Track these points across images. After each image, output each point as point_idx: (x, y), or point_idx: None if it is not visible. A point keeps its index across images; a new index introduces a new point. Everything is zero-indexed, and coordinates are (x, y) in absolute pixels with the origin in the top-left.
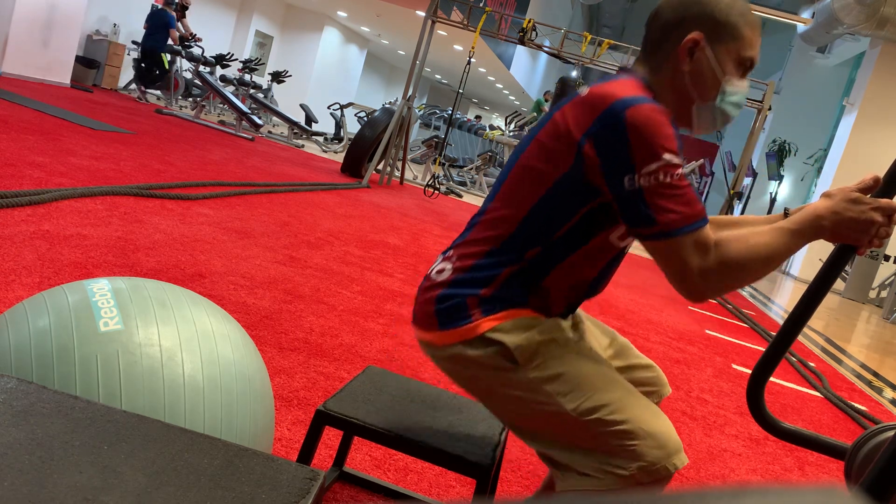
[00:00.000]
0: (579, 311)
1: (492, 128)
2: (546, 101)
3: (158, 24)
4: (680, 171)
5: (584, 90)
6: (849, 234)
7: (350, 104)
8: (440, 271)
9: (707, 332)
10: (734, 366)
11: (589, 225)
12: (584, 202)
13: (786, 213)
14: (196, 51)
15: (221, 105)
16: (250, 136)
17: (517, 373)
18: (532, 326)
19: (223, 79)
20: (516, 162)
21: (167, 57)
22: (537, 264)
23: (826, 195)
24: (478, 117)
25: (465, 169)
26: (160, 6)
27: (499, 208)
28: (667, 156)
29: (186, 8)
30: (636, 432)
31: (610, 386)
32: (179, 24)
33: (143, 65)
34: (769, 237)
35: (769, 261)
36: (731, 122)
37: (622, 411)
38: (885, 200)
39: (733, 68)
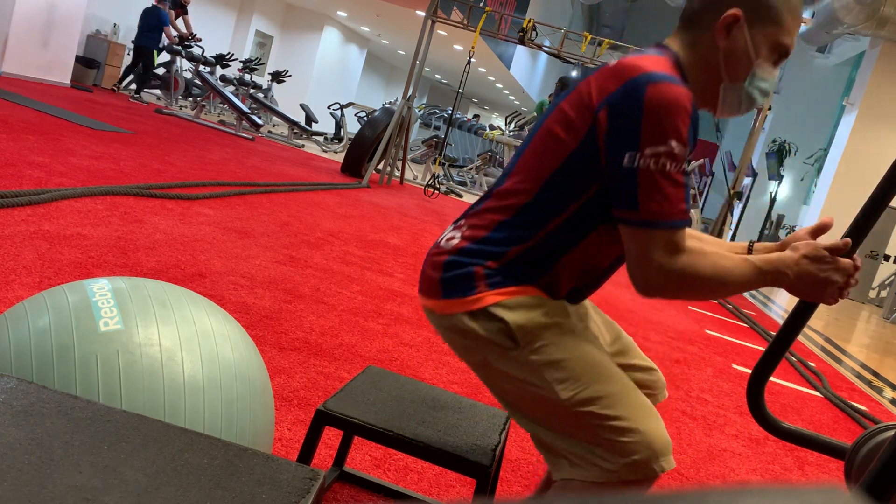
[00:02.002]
0: (587, 301)
1: (492, 128)
2: (549, 103)
3: (153, 23)
4: (681, 165)
5: (613, 61)
6: (807, 290)
7: (350, 104)
8: (450, 239)
9: (707, 331)
10: (734, 366)
11: (602, 206)
12: (594, 179)
13: (750, 246)
14: (196, 51)
15: (221, 105)
16: (250, 136)
17: (516, 353)
18: (537, 307)
19: (223, 79)
20: (538, 130)
21: (157, 55)
22: (547, 245)
23: (793, 247)
24: (476, 116)
25: (465, 169)
26: (154, 4)
27: (515, 179)
28: (674, 143)
29: (186, 5)
30: (628, 429)
31: (608, 379)
32: (180, 23)
33: (138, 63)
34: (734, 265)
35: (726, 286)
36: (755, 107)
37: (616, 406)
38: (845, 261)
39: (767, 53)
